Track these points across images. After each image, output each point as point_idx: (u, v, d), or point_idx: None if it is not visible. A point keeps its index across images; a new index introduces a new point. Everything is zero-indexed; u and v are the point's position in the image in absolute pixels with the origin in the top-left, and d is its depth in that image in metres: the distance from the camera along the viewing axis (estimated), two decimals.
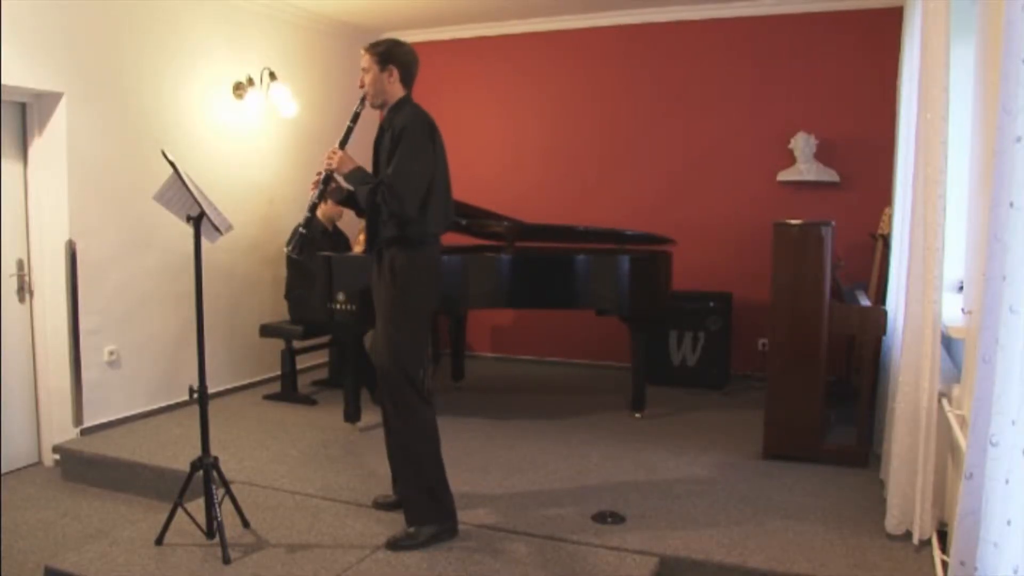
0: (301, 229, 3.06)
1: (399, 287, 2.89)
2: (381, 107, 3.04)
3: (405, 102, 3.01)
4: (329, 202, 5.01)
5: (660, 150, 5.80)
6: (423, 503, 2.93)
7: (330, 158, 2.96)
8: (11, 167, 4.02)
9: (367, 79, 2.98)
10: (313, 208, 3.08)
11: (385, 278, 2.93)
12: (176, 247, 4.59)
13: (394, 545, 2.88)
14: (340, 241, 5.24)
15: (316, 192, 3.02)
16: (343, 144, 3.01)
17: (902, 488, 2.86)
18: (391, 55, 2.96)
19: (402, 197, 2.80)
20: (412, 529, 2.91)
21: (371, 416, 4.51)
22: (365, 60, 2.98)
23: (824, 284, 3.69)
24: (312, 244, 4.93)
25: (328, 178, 3.01)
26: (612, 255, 4.38)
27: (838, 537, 2.93)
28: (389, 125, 2.99)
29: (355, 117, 3.03)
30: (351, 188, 3.04)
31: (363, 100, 3.02)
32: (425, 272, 2.96)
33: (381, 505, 3.24)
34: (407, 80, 3.02)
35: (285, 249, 3.04)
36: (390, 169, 2.86)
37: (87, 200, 4.17)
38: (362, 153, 3.08)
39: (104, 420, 4.29)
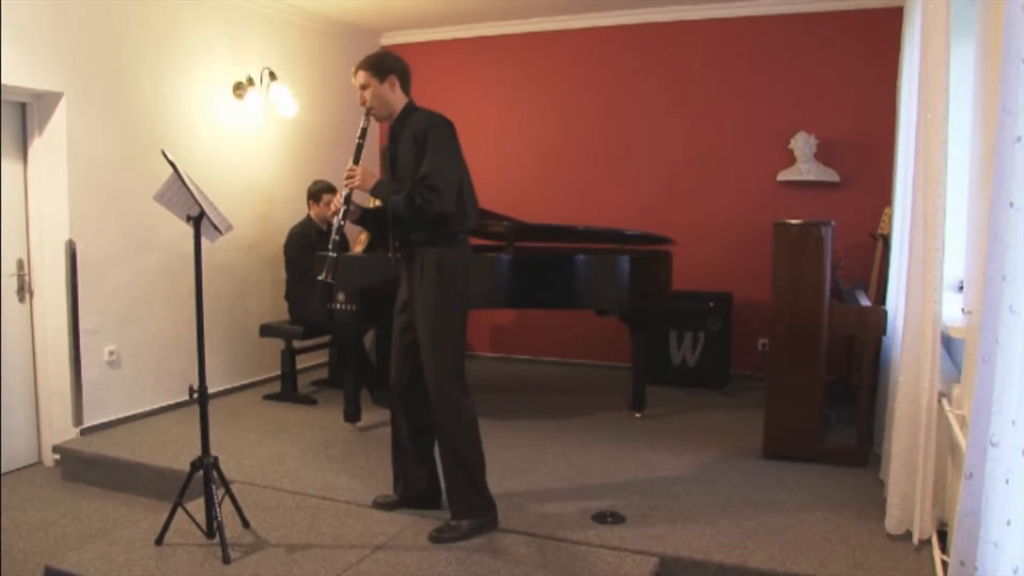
0: (332, 254, 2.95)
1: (445, 285, 2.90)
2: (388, 119, 3.02)
3: (412, 107, 3.02)
4: (322, 203, 5.06)
5: (660, 150, 5.80)
6: (469, 496, 2.97)
7: (350, 177, 2.92)
8: (11, 167, 4.02)
9: (368, 95, 2.96)
10: (340, 231, 2.98)
11: (428, 277, 2.90)
12: (176, 247, 4.59)
13: (437, 538, 2.91)
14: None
15: (340, 214, 2.94)
16: (356, 160, 2.96)
17: (902, 488, 2.86)
18: (387, 65, 2.96)
19: (442, 193, 2.81)
20: (454, 522, 2.95)
21: (371, 416, 4.51)
22: (361, 77, 2.96)
23: (824, 284, 3.68)
24: (309, 246, 4.95)
25: (350, 197, 2.95)
26: (612, 255, 4.38)
27: (838, 537, 2.93)
28: (401, 132, 2.98)
29: (363, 133, 2.99)
30: (364, 207, 3.04)
31: (367, 115, 2.99)
32: (464, 267, 2.99)
33: (381, 505, 3.24)
34: (406, 86, 3.03)
35: (319, 278, 2.98)
36: (423, 169, 2.84)
37: (87, 200, 4.17)
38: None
39: (104, 420, 4.29)
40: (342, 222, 2.96)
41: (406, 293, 3.05)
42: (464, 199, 2.96)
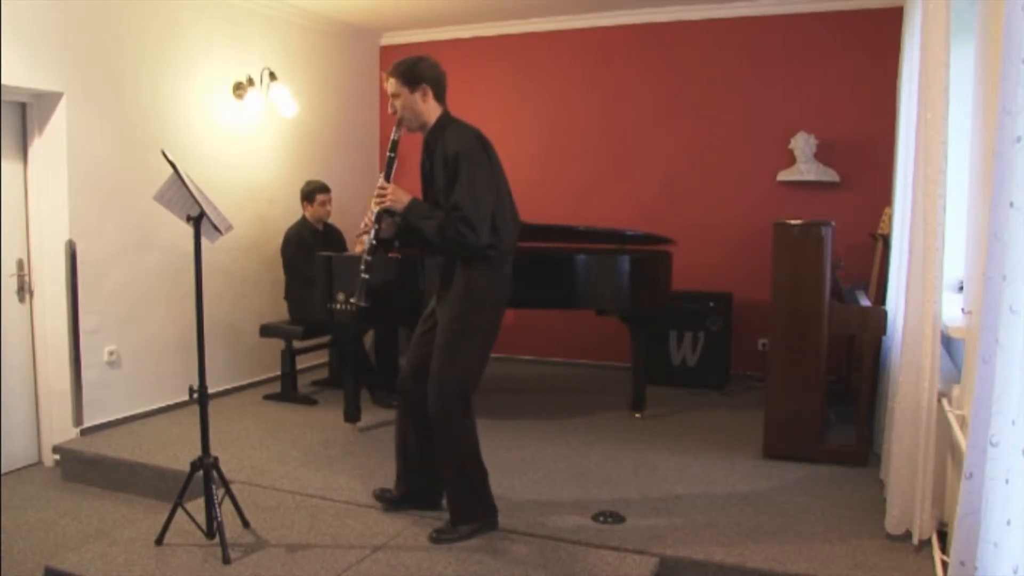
0: (364, 275, 2.91)
1: (472, 304, 2.84)
2: (420, 130, 2.92)
3: (446, 120, 2.90)
4: (316, 203, 5.06)
5: (660, 150, 5.80)
6: (465, 502, 2.96)
7: (380, 195, 2.84)
8: (11, 167, 4.02)
9: (399, 104, 2.85)
10: (372, 251, 2.91)
11: (456, 293, 2.86)
12: (176, 247, 4.59)
13: (437, 538, 2.91)
14: (332, 239, 5.23)
15: (372, 233, 2.89)
16: (387, 177, 2.88)
17: (902, 488, 2.86)
18: (419, 73, 2.83)
19: (475, 228, 2.72)
20: (454, 526, 2.95)
21: (371, 416, 4.51)
22: (392, 85, 2.84)
23: (824, 284, 3.69)
24: (305, 247, 4.95)
25: (381, 216, 2.89)
26: (612, 255, 4.38)
27: (838, 537, 2.93)
28: (435, 147, 2.87)
29: (393, 146, 2.90)
30: (397, 224, 2.95)
31: (399, 126, 2.89)
32: (500, 289, 2.92)
33: (380, 498, 3.24)
34: (440, 95, 2.91)
35: (352, 300, 2.92)
36: (454, 199, 2.75)
37: (87, 200, 4.17)
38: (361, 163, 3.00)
39: (104, 420, 4.29)
40: (374, 242, 2.89)
41: (435, 303, 3.02)
42: (500, 219, 2.84)
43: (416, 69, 2.84)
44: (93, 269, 4.21)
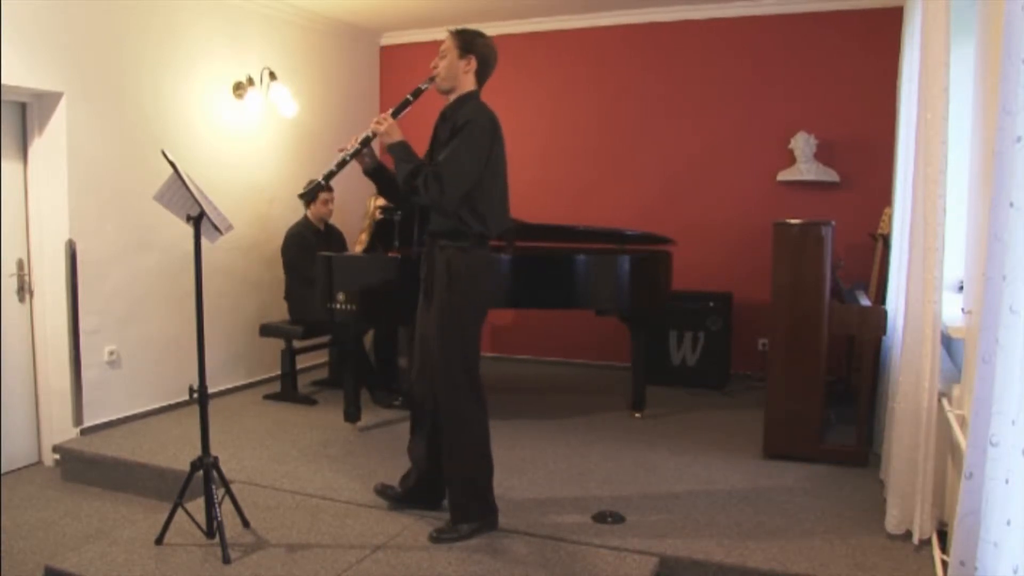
0: (321, 180, 2.99)
1: (456, 289, 2.86)
2: (447, 93, 2.96)
3: (472, 97, 2.94)
4: (319, 202, 5.06)
5: (660, 150, 5.80)
6: (466, 501, 2.96)
7: (379, 122, 2.89)
8: (11, 167, 4.02)
9: (443, 63, 2.92)
10: (340, 164, 2.95)
11: (440, 279, 2.89)
12: (176, 247, 4.59)
13: (437, 538, 2.91)
14: (333, 239, 5.23)
15: (350, 151, 2.92)
16: (395, 115, 2.93)
17: (902, 488, 2.86)
18: (474, 45, 2.91)
19: (444, 186, 2.76)
20: (454, 525, 2.95)
21: (371, 416, 4.51)
22: (446, 42, 2.93)
23: (824, 284, 3.69)
24: (306, 247, 4.94)
25: (368, 140, 2.93)
26: (612, 255, 4.38)
27: (838, 537, 2.93)
28: (451, 115, 2.91)
29: (416, 92, 2.95)
30: (379, 162, 2.98)
31: (431, 80, 2.94)
32: (482, 273, 2.93)
33: (382, 493, 3.24)
34: (482, 75, 2.96)
35: (299, 195, 3.20)
36: (441, 156, 2.81)
37: (87, 200, 4.17)
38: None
39: (104, 420, 4.29)
40: (348, 158, 2.93)
41: (423, 301, 3.03)
42: (485, 204, 2.88)
43: (475, 41, 2.92)
44: (93, 269, 4.21)
